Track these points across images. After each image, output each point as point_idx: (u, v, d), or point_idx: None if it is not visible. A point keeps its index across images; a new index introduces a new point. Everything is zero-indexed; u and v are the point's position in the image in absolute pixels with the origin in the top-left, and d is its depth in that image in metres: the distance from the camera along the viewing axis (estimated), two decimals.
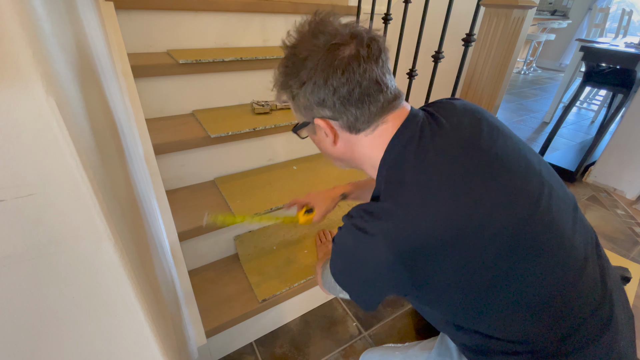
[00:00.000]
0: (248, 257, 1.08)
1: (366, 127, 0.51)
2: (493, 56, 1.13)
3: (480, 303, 0.49)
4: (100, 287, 0.33)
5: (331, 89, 0.47)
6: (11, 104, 0.23)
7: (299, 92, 0.50)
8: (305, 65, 0.48)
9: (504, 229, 0.45)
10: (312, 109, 0.51)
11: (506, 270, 0.46)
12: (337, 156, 0.58)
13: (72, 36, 0.37)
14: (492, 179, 0.47)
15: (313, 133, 0.56)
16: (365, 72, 0.47)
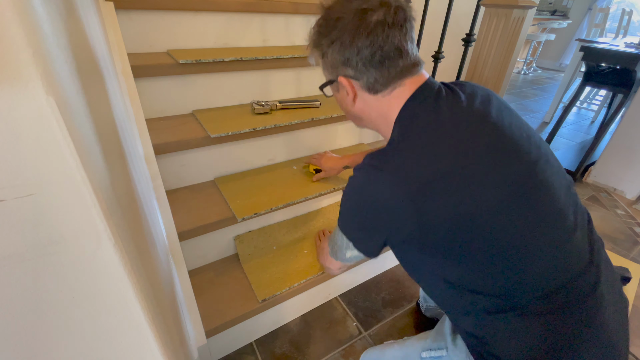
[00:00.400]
0: (248, 257, 1.08)
1: (383, 89, 0.56)
2: (493, 56, 1.13)
3: (471, 250, 0.51)
4: (100, 287, 0.33)
5: (355, 50, 0.52)
6: (11, 104, 0.23)
7: (327, 50, 0.55)
8: (336, 26, 0.53)
9: (504, 179, 0.49)
10: (338, 68, 0.56)
11: (500, 218, 0.49)
12: (355, 114, 0.63)
13: (72, 36, 0.37)
14: (497, 140, 0.52)
15: (336, 91, 0.62)
16: (388, 37, 0.51)
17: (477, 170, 0.49)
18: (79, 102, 0.32)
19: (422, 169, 0.48)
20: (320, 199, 1.26)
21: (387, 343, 0.83)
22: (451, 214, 0.48)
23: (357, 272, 1.24)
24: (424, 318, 1.16)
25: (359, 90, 0.57)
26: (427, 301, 1.06)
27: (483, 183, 0.49)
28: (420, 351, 0.72)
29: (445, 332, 0.70)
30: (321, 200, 1.29)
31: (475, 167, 0.49)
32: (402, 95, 0.56)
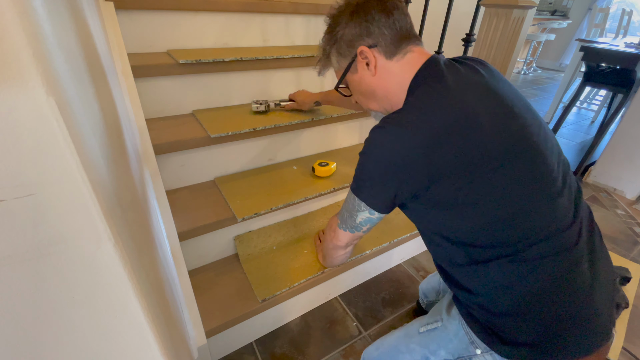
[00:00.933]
0: (248, 257, 1.08)
1: (397, 50, 0.63)
2: (493, 56, 1.13)
3: (472, 201, 0.56)
4: (100, 287, 0.33)
5: (371, 18, 0.62)
6: (11, 104, 0.23)
7: (344, 32, 0.64)
8: (347, 10, 0.64)
9: (504, 135, 0.55)
10: (355, 42, 0.64)
11: (499, 170, 0.54)
12: (373, 89, 0.67)
13: (73, 36, 0.37)
14: (498, 102, 0.58)
15: (355, 72, 0.67)
16: (394, 5, 0.63)
17: (480, 125, 0.54)
18: (79, 102, 0.32)
19: (433, 122, 0.54)
20: (320, 199, 1.26)
21: (386, 335, 0.85)
22: (456, 163, 0.54)
23: (357, 272, 1.24)
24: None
25: (379, 57, 0.64)
26: (428, 297, 1.06)
27: (486, 135, 0.54)
28: (418, 328, 0.76)
29: (440, 307, 0.75)
30: (321, 200, 1.29)
31: (478, 122, 0.54)
32: (414, 61, 0.63)
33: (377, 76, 0.65)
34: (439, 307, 0.76)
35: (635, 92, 2.05)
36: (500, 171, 0.55)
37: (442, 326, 0.72)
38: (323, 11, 1.41)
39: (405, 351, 0.76)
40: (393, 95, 0.66)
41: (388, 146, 0.56)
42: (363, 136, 1.47)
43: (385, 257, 1.29)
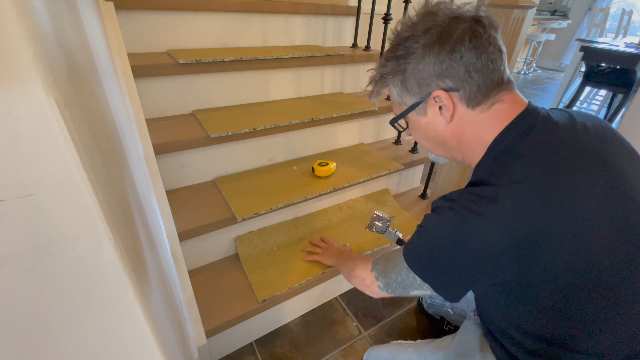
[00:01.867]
0: (248, 257, 1.08)
1: (484, 100, 0.50)
2: None
3: (574, 306, 0.47)
4: (100, 287, 0.33)
5: (458, 55, 0.47)
6: (11, 104, 0.23)
7: (416, 66, 0.50)
8: (427, 35, 0.48)
9: (623, 233, 0.45)
10: (430, 83, 0.50)
11: (615, 275, 0.45)
12: (443, 139, 0.56)
13: (72, 36, 0.37)
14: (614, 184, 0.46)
15: (423, 114, 0.55)
16: (490, 38, 0.47)
17: (595, 221, 0.44)
18: (79, 102, 0.32)
19: (531, 217, 0.43)
20: (320, 199, 1.26)
21: (395, 343, 0.80)
22: (562, 269, 0.45)
23: None
24: (425, 318, 1.16)
25: (458, 104, 0.51)
26: (432, 297, 1.04)
27: (601, 236, 0.44)
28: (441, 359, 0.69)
29: (473, 346, 0.66)
30: (321, 200, 1.29)
31: (592, 218, 0.44)
32: (502, 114, 0.50)
33: (452, 125, 0.53)
34: (467, 341, 0.68)
35: (635, 92, 2.05)
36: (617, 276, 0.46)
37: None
38: (323, 11, 1.41)
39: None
40: (468, 148, 0.54)
41: (466, 239, 0.46)
42: (363, 136, 1.47)
43: None
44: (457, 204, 0.48)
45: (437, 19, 0.48)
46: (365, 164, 1.30)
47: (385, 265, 0.63)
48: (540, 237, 0.43)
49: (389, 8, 1.32)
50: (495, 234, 0.44)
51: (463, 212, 0.46)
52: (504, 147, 0.49)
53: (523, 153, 0.47)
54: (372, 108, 1.32)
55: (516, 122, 0.49)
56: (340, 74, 1.45)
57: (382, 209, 1.36)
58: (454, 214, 0.47)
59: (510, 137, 0.49)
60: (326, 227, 1.23)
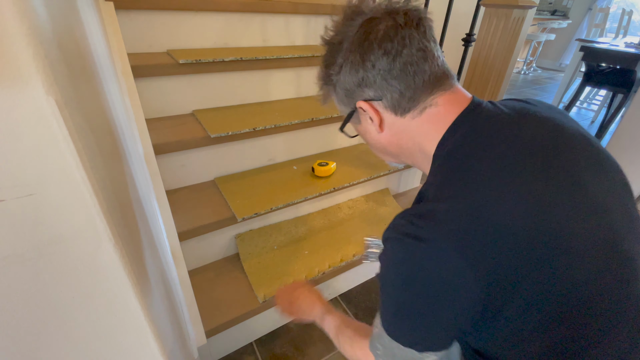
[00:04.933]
0: (249, 255, 1.08)
1: (413, 106, 0.45)
2: (493, 56, 1.13)
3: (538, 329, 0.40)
4: (100, 287, 0.33)
5: (369, 64, 0.44)
6: (11, 104, 0.23)
7: (338, 78, 0.48)
8: (341, 48, 0.46)
9: (592, 246, 0.38)
10: (354, 93, 0.48)
11: (598, 294, 0.38)
12: (383, 147, 0.52)
13: (72, 36, 0.37)
14: (578, 188, 0.40)
15: (358, 123, 0.53)
16: (404, 39, 0.42)
17: (560, 232, 0.37)
18: (79, 102, 0.32)
19: (481, 228, 0.36)
20: (320, 199, 1.26)
21: None
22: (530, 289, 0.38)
23: (357, 272, 1.24)
24: None
25: (384, 113, 0.47)
26: None
27: (569, 250, 0.37)
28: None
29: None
30: (321, 200, 1.29)
31: (556, 227, 0.37)
32: (437, 119, 0.45)
33: (386, 133, 0.50)
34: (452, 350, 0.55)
35: (635, 92, 2.05)
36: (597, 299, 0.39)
37: None
38: (323, 11, 1.41)
39: None
40: (413, 156, 0.51)
41: (418, 270, 0.39)
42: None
43: None
44: (398, 231, 0.41)
45: (352, 25, 0.45)
46: (365, 163, 1.30)
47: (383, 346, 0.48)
48: (492, 248, 0.36)
49: None
50: (442, 256, 0.37)
51: (404, 241, 0.39)
52: (444, 155, 0.44)
53: (465, 160, 0.41)
54: None
55: (455, 126, 0.44)
56: None
57: (382, 209, 1.36)
58: (397, 245, 0.41)
59: (449, 144, 0.44)
60: (326, 226, 1.23)
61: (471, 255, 0.36)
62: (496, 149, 0.41)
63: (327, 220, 1.26)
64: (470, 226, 0.37)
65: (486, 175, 0.39)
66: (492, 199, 0.38)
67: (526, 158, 0.40)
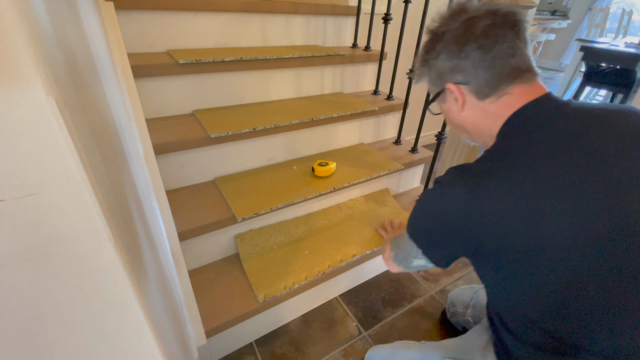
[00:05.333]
0: (249, 255, 1.08)
1: (492, 93, 0.54)
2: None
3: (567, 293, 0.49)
4: (100, 287, 0.33)
5: (463, 55, 0.52)
6: (11, 104, 0.23)
7: (434, 62, 0.57)
8: (442, 38, 0.55)
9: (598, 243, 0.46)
10: (445, 76, 0.57)
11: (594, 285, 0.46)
12: (461, 124, 0.62)
13: (72, 36, 0.37)
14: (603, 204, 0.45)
15: (443, 102, 0.62)
16: (498, 37, 0.50)
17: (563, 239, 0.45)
18: (79, 102, 0.32)
19: (495, 199, 0.47)
20: (320, 199, 1.26)
21: (398, 343, 0.81)
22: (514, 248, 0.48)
23: (357, 272, 1.24)
24: (426, 319, 1.16)
25: (468, 95, 0.56)
26: (456, 306, 1.03)
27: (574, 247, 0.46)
28: (441, 357, 0.70)
29: (473, 345, 0.68)
30: (321, 200, 1.29)
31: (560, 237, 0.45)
32: (509, 106, 0.53)
33: (467, 113, 0.59)
34: (470, 343, 0.70)
35: (635, 92, 2.05)
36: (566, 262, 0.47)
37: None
38: (323, 11, 1.41)
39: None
40: (484, 136, 0.59)
41: (440, 203, 0.53)
42: (363, 136, 1.47)
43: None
44: (440, 179, 0.55)
45: (457, 19, 0.54)
46: (365, 164, 1.30)
47: (397, 239, 0.72)
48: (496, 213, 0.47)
49: (389, 8, 1.32)
50: (457, 197, 0.50)
51: (439, 185, 0.54)
52: (503, 134, 0.54)
53: (518, 137, 0.51)
54: (372, 108, 1.32)
55: (522, 110, 0.52)
56: (340, 74, 1.45)
57: (382, 209, 1.36)
58: (434, 187, 0.56)
59: (509, 126, 0.53)
60: (326, 226, 1.23)
61: (474, 199, 0.48)
62: (536, 136, 0.49)
63: (327, 220, 1.26)
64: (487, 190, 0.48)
65: (520, 156, 0.49)
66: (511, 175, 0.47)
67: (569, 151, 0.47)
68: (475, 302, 0.96)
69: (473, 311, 0.95)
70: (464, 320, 1.01)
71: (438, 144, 1.31)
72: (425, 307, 1.21)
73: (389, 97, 1.45)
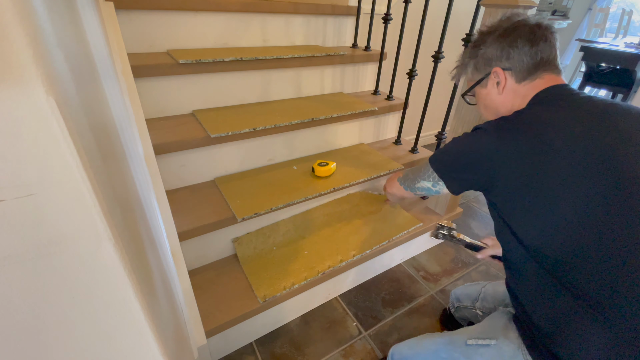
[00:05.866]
0: (248, 258, 1.08)
1: (529, 77, 0.66)
2: None
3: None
4: (100, 287, 0.33)
5: (515, 45, 0.65)
6: (11, 104, 0.23)
7: (485, 50, 0.69)
8: (493, 34, 0.68)
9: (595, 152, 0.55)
10: (492, 62, 0.68)
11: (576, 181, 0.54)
12: (496, 106, 0.72)
13: (72, 36, 0.37)
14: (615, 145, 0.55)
15: (484, 86, 0.72)
16: (542, 36, 0.64)
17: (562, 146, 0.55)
18: (79, 102, 0.32)
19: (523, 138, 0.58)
20: (320, 198, 1.26)
21: (421, 336, 0.84)
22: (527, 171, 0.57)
23: (357, 272, 1.24)
24: (426, 319, 1.16)
25: (509, 79, 0.67)
26: (461, 301, 1.04)
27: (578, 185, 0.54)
28: (465, 339, 0.74)
29: (495, 325, 0.73)
30: (321, 200, 1.29)
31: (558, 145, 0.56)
32: (538, 87, 0.65)
33: (503, 95, 0.69)
34: (491, 324, 0.75)
35: (635, 92, 2.05)
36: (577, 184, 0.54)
37: (496, 346, 0.69)
38: (323, 11, 1.41)
39: (446, 358, 0.74)
40: (507, 111, 0.70)
41: (471, 138, 0.66)
42: (363, 136, 1.47)
43: (385, 257, 1.29)
44: (481, 125, 0.66)
45: (508, 22, 0.68)
46: (365, 164, 1.30)
47: (412, 167, 0.84)
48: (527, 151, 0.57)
49: (389, 8, 1.32)
50: (489, 135, 0.62)
51: (476, 128, 0.66)
52: (530, 104, 0.65)
53: (538, 106, 0.63)
54: (372, 108, 1.32)
55: (546, 89, 0.65)
56: (340, 74, 1.45)
57: (382, 208, 1.36)
58: (473, 130, 0.67)
59: (536, 99, 0.65)
60: (325, 225, 1.23)
61: (500, 141, 0.60)
62: (557, 109, 0.60)
63: (327, 219, 1.26)
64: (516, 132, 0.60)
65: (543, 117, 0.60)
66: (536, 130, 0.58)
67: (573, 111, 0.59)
68: (485, 294, 0.97)
69: (482, 303, 0.96)
70: (471, 314, 1.01)
71: (438, 144, 1.31)
72: (425, 307, 1.21)
73: (389, 97, 1.45)
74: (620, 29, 3.22)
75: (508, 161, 0.59)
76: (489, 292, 0.97)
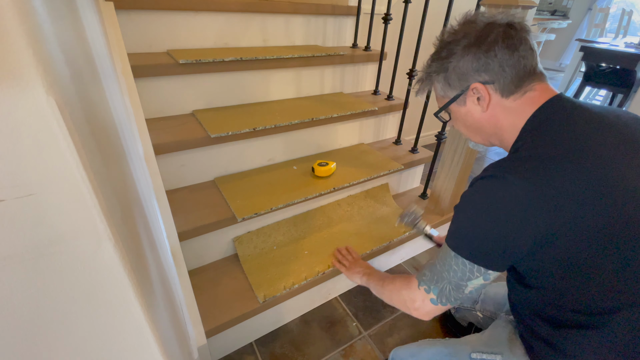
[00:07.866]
0: (248, 257, 1.08)
1: (516, 90, 0.56)
2: None
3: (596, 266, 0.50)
4: (100, 287, 0.33)
5: (492, 54, 0.55)
6: (11, 104, 0.23)
7: (456, 64, 0.58)
8: (461, 42, 0.57)
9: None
10: (468, 77, 0.58)
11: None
12: (481, 126, 0.62)
13: (72, 36, 0.37)
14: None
15: (462, 104, 0.62)
16: (521, 39, 0.55)
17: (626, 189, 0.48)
18: (79, 102, 0.32)
19: (551, 178, 0.48)
20: (320, 198, 1.26)
21: (421, 341, 0.82)
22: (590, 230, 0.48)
23: None
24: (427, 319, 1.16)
25: (493, 94, 0.58)
26: (462, 303, 1.03)
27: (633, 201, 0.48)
28: (469, 352, 0.71)
29: (499, 338, 0.69)
30: (321, 200, 1.29)
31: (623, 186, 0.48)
32: (533, 100, 0.56)
33: (489, 113, 0.60)
34: (495, 335, 0.72)
35: (635, 92, 2.05)
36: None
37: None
38: (323, 11, 1.41)
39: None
40: (504, 133, 0.60)
41: (493, 196, 0.51)
42: (363, 136, 1.47)
43: (385, 257, 1.29)
44: (485, 172, 0.54)
45: (475, 25, 0.57)
46: (365, 164, 1.30)
47: (431, 271, 0.63)
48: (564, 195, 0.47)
49: (389, 8, 1.32)
50: (515, 186, 0.49)
51: (488, 179, 0.52)
52: (534, 125, 0.55)
53: (549, 127, 0.53)
54: (372, 108, 1.32)
55: (545, 106, 0.55)
56: (340, 74, 1.45)
57: (382, 208, 1.36)
58: (482, 183, 0.53)
59: (541, 117, 0.55)
60: (326, 227, 1.23)
61: (538, 183, 0.47)
62: (574, 126, 0.52)
63: (327, 219, 1.26)
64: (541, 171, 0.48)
65: (562, 141, 0.51)
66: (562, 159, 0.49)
67: (600, 134, 0.51)
68: (485, 296, 0.97)
69: (482, 305, 0.96)
70: (471, 315, 1.01)
71: (438, 144, 1.31)
72: None
73: (389, 97, 1.46)
74: (620, 29, 3.22)
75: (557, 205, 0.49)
76: (489, 294, 0.96)
